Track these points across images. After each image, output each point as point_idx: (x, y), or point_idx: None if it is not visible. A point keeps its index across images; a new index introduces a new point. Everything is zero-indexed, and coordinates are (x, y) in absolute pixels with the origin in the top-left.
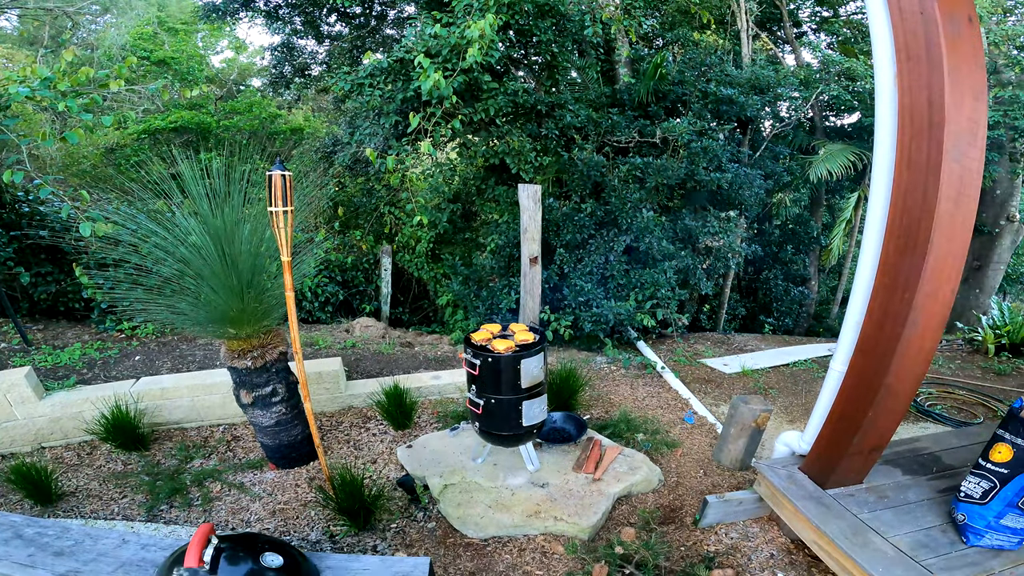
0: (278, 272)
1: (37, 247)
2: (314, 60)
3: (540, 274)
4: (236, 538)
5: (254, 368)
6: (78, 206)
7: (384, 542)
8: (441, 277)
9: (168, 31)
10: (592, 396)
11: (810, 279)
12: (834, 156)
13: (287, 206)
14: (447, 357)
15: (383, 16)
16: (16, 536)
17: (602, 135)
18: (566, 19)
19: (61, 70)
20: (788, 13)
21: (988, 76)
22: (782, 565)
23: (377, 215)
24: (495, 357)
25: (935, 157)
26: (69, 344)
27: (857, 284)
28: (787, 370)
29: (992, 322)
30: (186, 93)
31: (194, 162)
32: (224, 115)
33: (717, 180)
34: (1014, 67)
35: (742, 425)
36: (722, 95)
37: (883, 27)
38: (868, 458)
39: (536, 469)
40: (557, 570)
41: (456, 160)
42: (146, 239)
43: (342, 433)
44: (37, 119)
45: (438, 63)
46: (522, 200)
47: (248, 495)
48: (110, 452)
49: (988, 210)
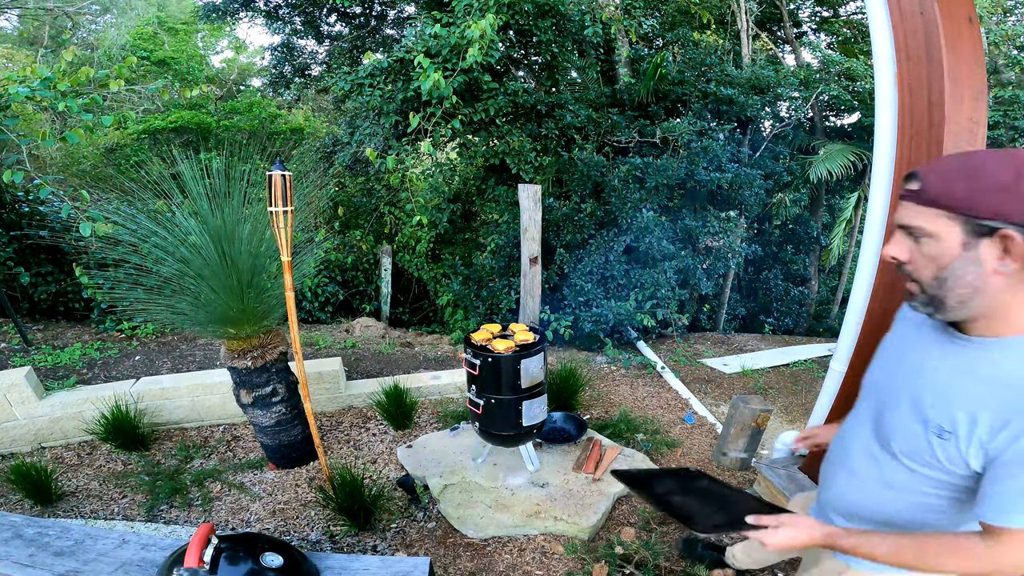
0: (278, 272)
1: (37, 247)
2: (314, 60)
3: (540, 274)
4: (236, 538)
5: (254, 368)
6: (78, 206)
7: (384, 542)
8: (441, 277)
9: (168, 31)
10: (592, 396)
11: (810, 279)
12: (834, 156)
13: (287, 206)
14: (447, 357)
15: (383, 16)
16: (16, 536)
17: (602, 135)
18: (566, 19)
19: (61, 70)
20: (788, 13)
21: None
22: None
23: (377, 215)
24: (495, 357)
25: (935, 157)
26: (69, 344)
27: (857, 284)
28: (787, 370)
29: None
30: (186, 93)
31: (194, 162)
32: (224, 115)
33: (717, 180)
34: (1014, 67)
35: (742, 425)
36: (722, 95)
37: (883, 27)
38: None
39: (536, 469)
40: (557, 570)
41: (456, 160)
42: (146, 239)
43: (342, 433)
44: (37, 119)
45: (438, 63)
46: (522, 200)
47: (248, 495)
48: (110, 452)
49: None
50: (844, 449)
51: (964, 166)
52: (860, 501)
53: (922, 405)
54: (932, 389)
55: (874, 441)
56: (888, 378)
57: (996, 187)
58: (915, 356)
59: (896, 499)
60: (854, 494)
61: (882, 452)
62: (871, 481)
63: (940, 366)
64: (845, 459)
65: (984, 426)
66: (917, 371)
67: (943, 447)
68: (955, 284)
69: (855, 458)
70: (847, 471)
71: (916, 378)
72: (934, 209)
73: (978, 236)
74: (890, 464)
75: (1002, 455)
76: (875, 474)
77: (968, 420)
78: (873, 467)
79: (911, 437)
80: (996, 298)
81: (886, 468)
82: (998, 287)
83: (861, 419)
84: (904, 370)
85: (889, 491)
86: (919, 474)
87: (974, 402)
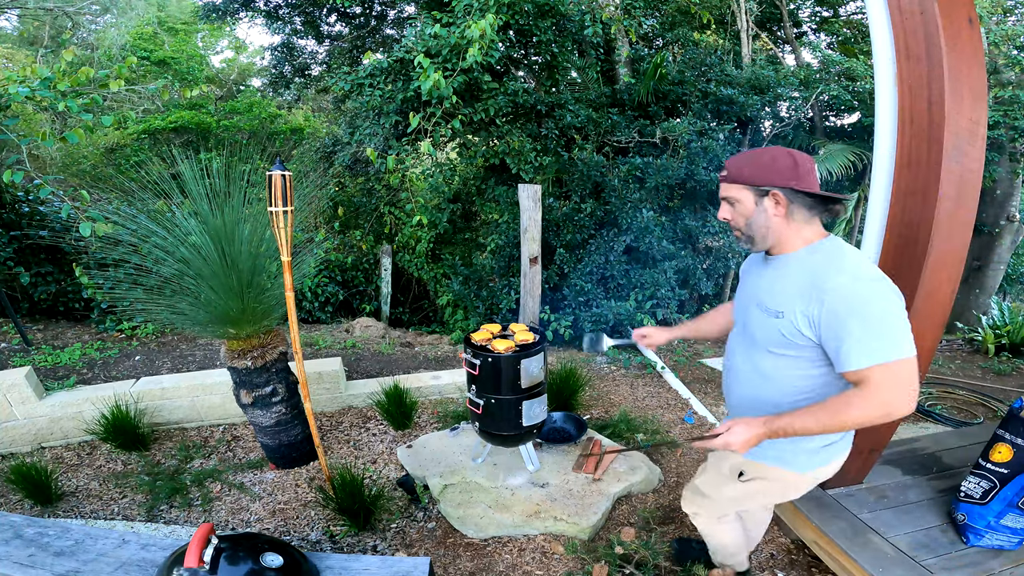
0: (278, 272)
1: (37, 247)
2: (314, 60)
3: (540, 274)
4: (236, 538)
5: (254, 368)
6: (78, 206)
7: (384, 542)
8: (441, 277)
9: (168, 31)
10: (592, 396)
11: None
12: (834, 156)
13: (287, 206)
14: (447, 357)
15: (383, 16)
16: (16, 536)
17: (602, 135)
18: (566, 19)
19: (61, 70)
20: (788, 13)
21: (988, 76)
22: (782, 565)
23: (377, 215)
24: (495, 357)
25: (935, 157)
26: (69, 344)
27: None
28: None
29: (992, 322)
30: (186, 93)
31: (194, 162)
32: (224, 115)
33: (717, 180)
34: (1014, 67)
35: None
36: (722, 95)
37: (883, 27)
38: (868, 458)
39: (536, 469)
40: (557, 570)
41: (456, 160)
42: (146, 239)
43: (342, 433)
44: (37, 119)
45: (438, 63)
46: (522, 200)
47: (248, 495)
48: (110, 452)
49: (988, 210)
50: (731, 362)
51: (749, 156)
52: (749, 394)
53: (763, 303)
54: (766, 291)
55: (745, 342)
56: (743, 297)
57: (764, 167)
58: (753, 278)
59: (772, 386)
60: (743, 389)
61: (751, 348)
62: (751, 374)
63: (765, 276)
64: (732, 367)
65: (799, 304)
66: (756, 285)
67: (782, 325)
68: (756, 226)
69: (738, 362)
70: (734, 374)
71: (756, 289)
72: (736, 184)
73: (761, 196)
74: (758, 354)
75: (822, 322)
76: (752, 367)
77: (789, 302)
78: (749, 362)
79: (763, 326)
80: (780, 232)
81: (757, 359)
82: (779, 225)
83: (736, 333)
84: (750, 288)
85: (766, 380)
86: (779, 355)
87: (788, 290)
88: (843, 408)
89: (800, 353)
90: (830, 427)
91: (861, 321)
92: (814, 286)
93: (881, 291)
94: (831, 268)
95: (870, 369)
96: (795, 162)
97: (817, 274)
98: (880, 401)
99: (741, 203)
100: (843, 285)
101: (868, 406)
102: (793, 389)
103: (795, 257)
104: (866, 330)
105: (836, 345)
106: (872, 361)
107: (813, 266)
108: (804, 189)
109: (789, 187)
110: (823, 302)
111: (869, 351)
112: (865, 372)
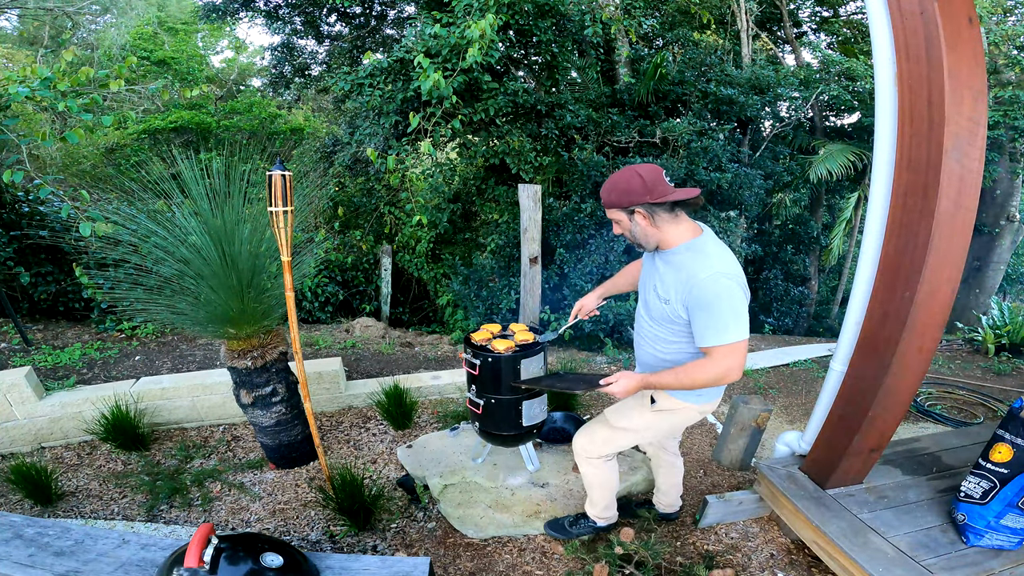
0: (278, 272)
1: (37, 247)
2: (314, 60)
3: (540, 274)
4: (236, 538)
5: (254, 368)
6: (78, 206)
7: (384, 542)
8: (441, 277)
9: (168, 31)
10: (592, 396)
11: (810, 279)
12: (834, 156)
13: (287, 206)
14: (447, 357)
15: (383, 16)
16: (16, 536)
17: (602, 135)
18: (566, 19)
19: (61, 70)
20: (788, 13)
21: (988, 76)
22: (782, 565)
23: (377, 215)
24: (495, 357)
25: (935, 157)
26: (69, 344)
27: (857, 284)
28: (787, 370)
29: (992, 322)
30: (186, 93)
31: (194, 162)
32: (224, 115)
33: (717, 180)
34: (1014, 67)
35: (742, 425)
36: (722, 95)
37: (883, 27)
38: (868, 458)
39: (536, 469)
40: (557, 570)
41: (456, 160)
42: (146, 239)
43: (342, 433)
44: (37, 119)
45: (438, 63)
46: (522, 200)
47: (248, 495)
48: (110, 452)
49: (988, 210)
50: (638, 327)
51: (611, 185)
52: (647, 357)
53: (656, 289)
54: (658, 281)
55: (644, 316)
56: (645, 282)
57: (622, 191)
58: (649, 268)
59: (662, 351)
60: (642, 352)
61: (649, 322)
62: (648, 341)
63: (657, 268)
64: (637, 333)
65: (679, 293)
66: (651, 274)
67: (668, 308)
68: (638, 235)
69: (641, 330)
70: (639, 338)
71: (652, 278)
72: (611, 208)
73: (630, 214)
74: (653, 327)
75: (689, 307)
76: (649, 336)
77: (672, 291)
78: (647, 333)
79: (656, 307)
80: (655, 235)
81: (652, 330)
82: (651, 231)
83: (640, 308)
84: (647, 276)
85: (656, 345)
86: (666, 327)
87: (671, 283)
88: (694, 371)
89: (678, 327)
90: (685, 384)
91: (710, 312)
92: (686, 282)
93: (727, 288)
94: (696, 266)
95: (715, 347)
96: (643, 180)
97: (688, 271)
98: (720, 368)
99: (620, 222)
100: (702, 282)
101: (711, 371)
102: (671, 351)
103: (675, 253)
104: (713, 319)
105: (695, 327)
106: (716, 342)
107: (686, 264)
108: (657, 200)
109: (645, 202)
110: (691, 294)
111: (715, 334)
112: (711, 348)
